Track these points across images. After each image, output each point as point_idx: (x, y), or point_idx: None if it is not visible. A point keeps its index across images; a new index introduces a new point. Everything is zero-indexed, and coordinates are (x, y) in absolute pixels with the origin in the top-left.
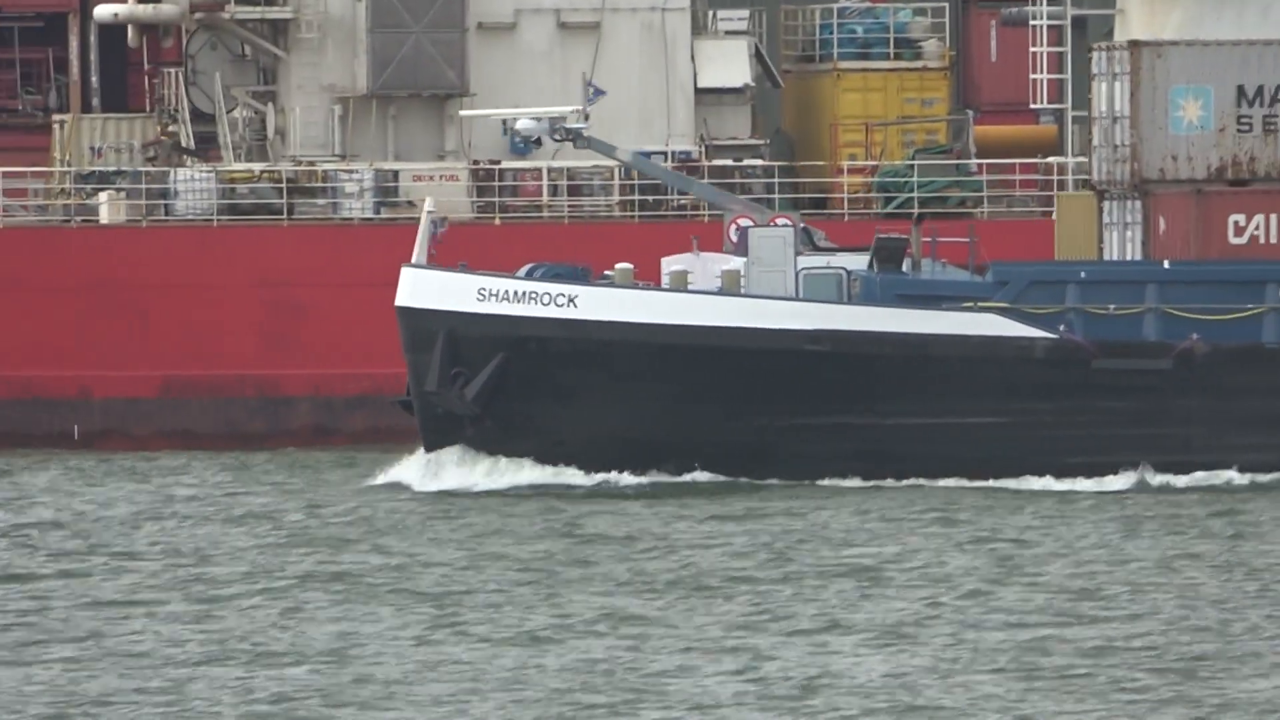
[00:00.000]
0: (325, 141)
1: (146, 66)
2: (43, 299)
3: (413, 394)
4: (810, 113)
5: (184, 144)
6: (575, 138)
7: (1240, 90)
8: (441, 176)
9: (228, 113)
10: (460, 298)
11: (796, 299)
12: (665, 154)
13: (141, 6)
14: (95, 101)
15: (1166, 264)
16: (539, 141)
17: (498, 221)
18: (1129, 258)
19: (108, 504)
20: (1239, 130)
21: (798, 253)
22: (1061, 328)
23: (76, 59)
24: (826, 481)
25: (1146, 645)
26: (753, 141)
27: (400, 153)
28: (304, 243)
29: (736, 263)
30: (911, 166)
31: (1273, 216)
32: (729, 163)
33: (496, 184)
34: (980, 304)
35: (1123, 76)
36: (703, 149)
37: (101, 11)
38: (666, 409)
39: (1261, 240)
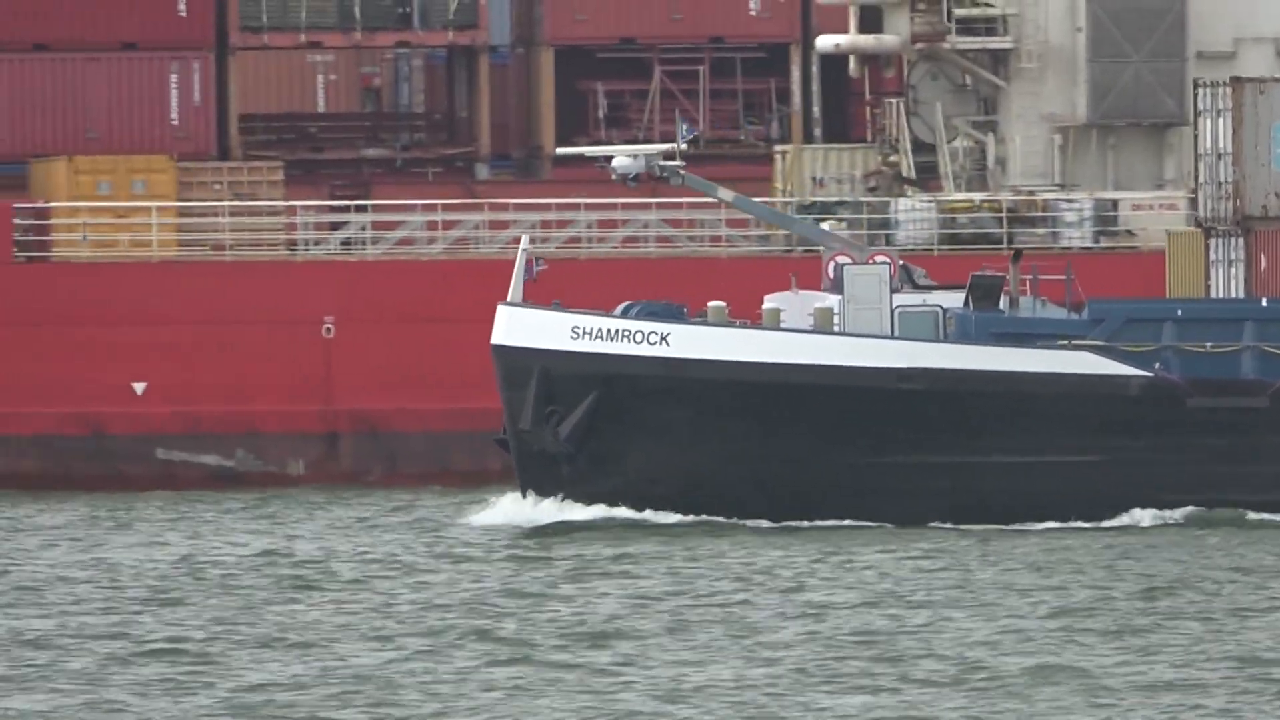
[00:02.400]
0: (1045, 171)
1: (867, 97)
2: None
3: (508, 432)
4: None
5: (905, 174)
6: (671, 175)
7: None
8: (1160, 205)
9: (948, 143)
10: (554, 336)
11: (890, 337)
12: None
13: (863, 37)
14: (817, 132)
15: (1265, 302)
16: (637, 179)
17: None
18: (1233, 295)
19: None
20: None
21: (894, 290)
22: (1157, 365)
23: (798, 89)
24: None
25: None
26: None
27: (1119, 182)
28: None
29: (830, 300)
30: None
31: None
32: None
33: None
34: (1075, 342)
35: (1225, 113)
36: None
37: (823, 42)
38: (756, 449)
39: None
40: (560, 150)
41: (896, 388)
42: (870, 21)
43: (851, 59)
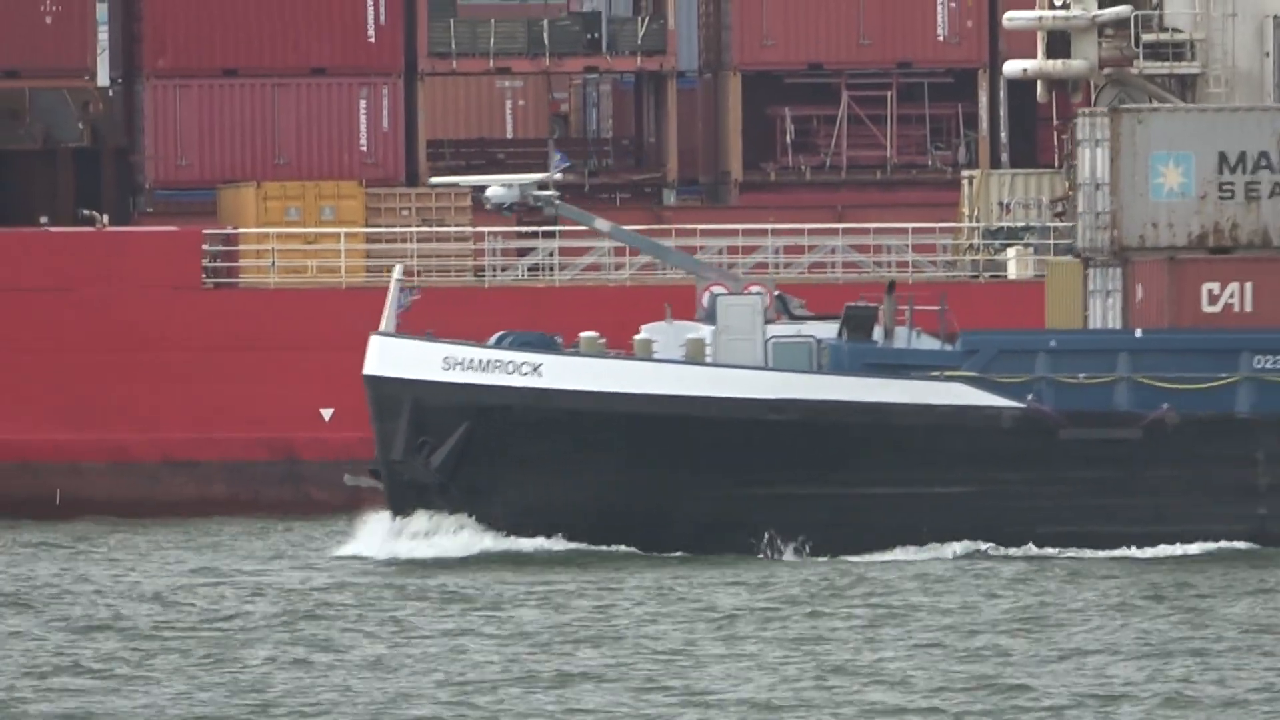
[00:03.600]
0: None
1: (1055, 122)
2: None
3: (380, 462)
4: None
5: None
6: (546, 205)
7: (1222, 156)
8: None
9: None
10: (426, 366)
11: (762, 368)
12: None
13: (1051, 62)
14: (1004, 157)
15: (1139, 333)
16: (511, 208)
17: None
18: (1110, 326)
19: None
20: (1221, 197)
21: (768, 321)
22: (1030, 397)
23: (985, 114)
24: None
25: None
26: None
27: None
28: None
29: (703, 331)
30: None
31: (1248, 285)
32: None
33: None
34: (948, 373)
35: (1104, 143)
36: None
37: (1011, 67)
38: (626, 479)
39: (1236, 309)
40: (434, 180)
41: (767, 418)
42: (1058, 46)
43: (1039, 84)
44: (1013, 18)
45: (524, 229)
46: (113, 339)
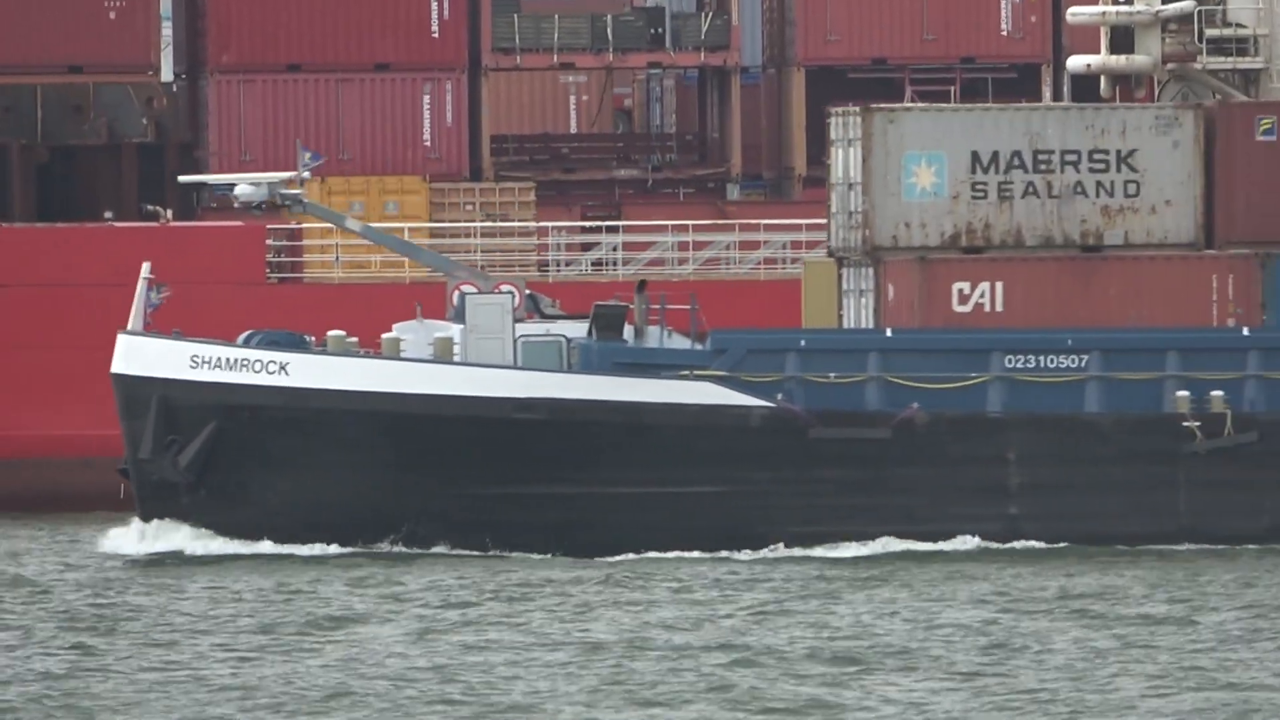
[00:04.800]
0: None
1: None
2: None
3: (129, 462)
4: None
5: None
6: (293, 203)
7: (975, 156)
8: None
9: None
10: (173, 365)
11: (511, 367)
12: None
13: (1114, 57)
14: None
15: (889, 332)
16: (262, 206)
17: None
18: (864, 325)
19: None
20: (974, 197)
21: (518, 320)
22: (779, 396)
23: None
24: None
25: None
26: None
27: None
28: None
29: (452, 330)
30: None
31: (998, 284)
32: None
33: None
34: (696, 372)
35: (856, 142)
36: None
37: (1074, 62)
38: (374, 478)
39: (987, 308)
40: (182, 178)
41: (514, 417)
42: (1121, 41)
43: (1102, 79)
44: (1076, 13)
45: (587, 224)
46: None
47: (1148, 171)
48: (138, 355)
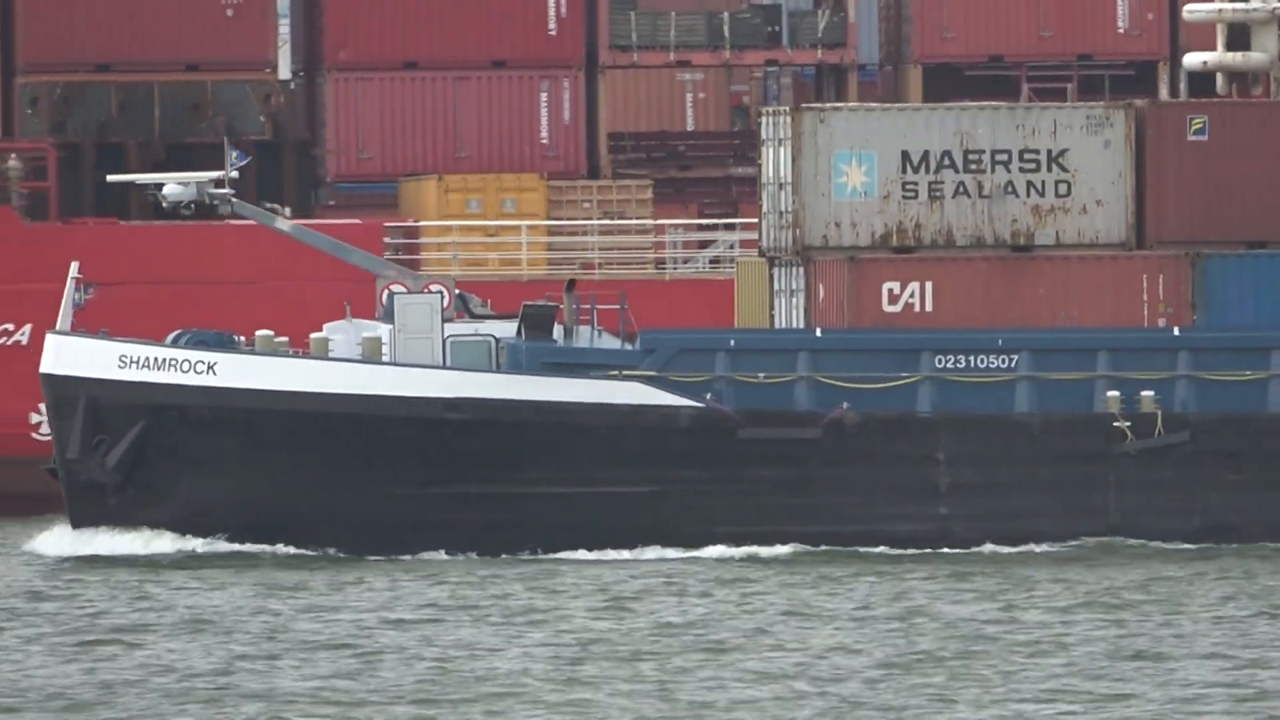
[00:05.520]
0: None
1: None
2: None
3: (56, 461)
4: None
5: None
6: (222, 203)
7: (905, 156)
8: None
9: None
10: (101, 364)
11: (439, 367)
12: None
13: (1231, 55)
14: None
15: (819, 332)
16: (190, 206)
17: None
18: (795, 325)
19: None
20: (904, 197)
21: (446, 319)
22: (709, 396)
23: None
24: (467, 555)
25: None
26: None
27: None
28: None
29: (380, 329)
30: None
31: (928, 284)
32: None
33: None
34: (625, 372)
35: (786, 141)
36: None
37: (1191, 59)
38: (302, 478)
39: (917, 308)
40: (111, 177)
41: (442, 417)
42: (1238, 39)
43: (1219, 76)
44: (1193, 10)
45: (704, 221)
46: (297, 332)
47: (1079, 171)
48: (66, 355)
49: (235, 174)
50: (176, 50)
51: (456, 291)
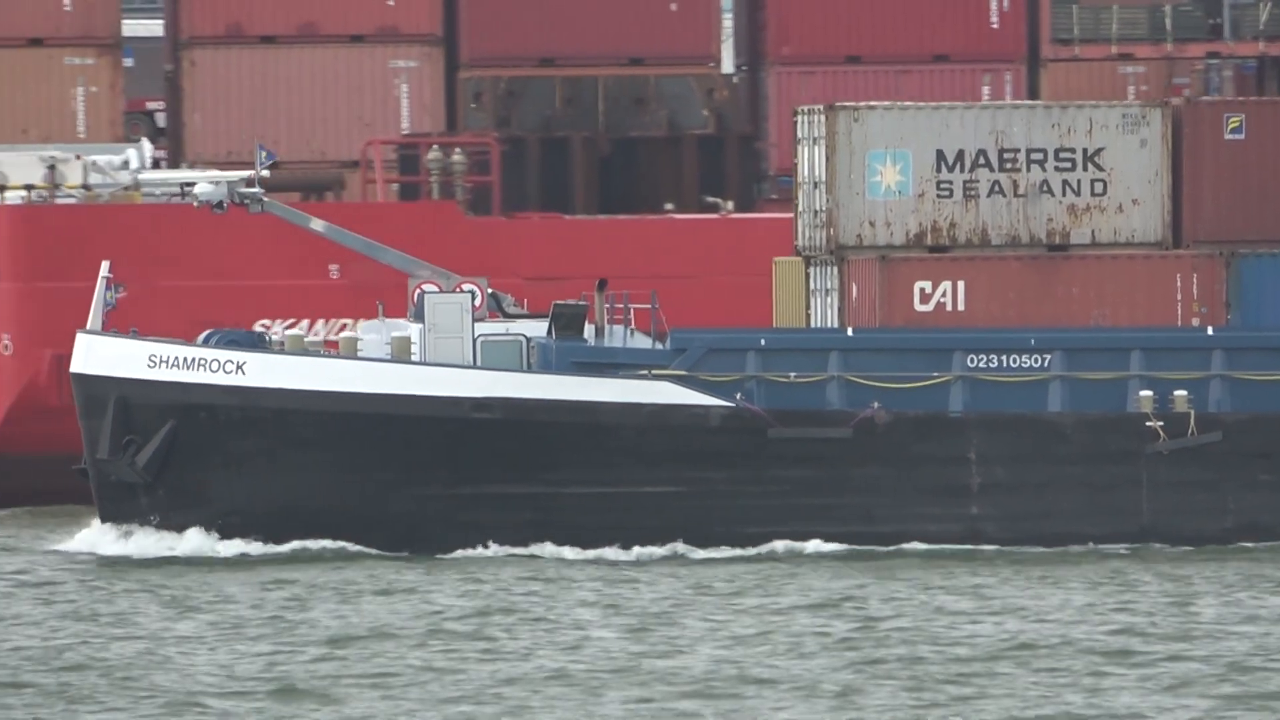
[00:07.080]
0: None
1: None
2: None
3: (87, 461)
4: None
5: None
6: (252, 202)
7: (940, 155)
8: None
9: None
10: (131, 364)
11: (469, 366)
12: None
13: None
14: None
15: (850, 331)
16: (221, 205)
17: None
18: (829, 325)
19: None
20: (939, 195)
21: (477, 319)
22: (739, 396)
23: None
24: (496, 550)
25: None
26: None
27: None
28: None
29: (410, 329)
30: None
31: (960, 283)
32: None
33: None
34: (656, 372)
35: (820, 140)
36: None
37: None
38: (331, 478)
39: (949, 308)
40: (143, 176)
41: (471, 417)
42: None
43: None
44: None
45: None
46: (735, 323)
47: (1115, 170)
48: (96, 355)
49: (265, 173)
50: (620, 44)
51: (490, 291)
